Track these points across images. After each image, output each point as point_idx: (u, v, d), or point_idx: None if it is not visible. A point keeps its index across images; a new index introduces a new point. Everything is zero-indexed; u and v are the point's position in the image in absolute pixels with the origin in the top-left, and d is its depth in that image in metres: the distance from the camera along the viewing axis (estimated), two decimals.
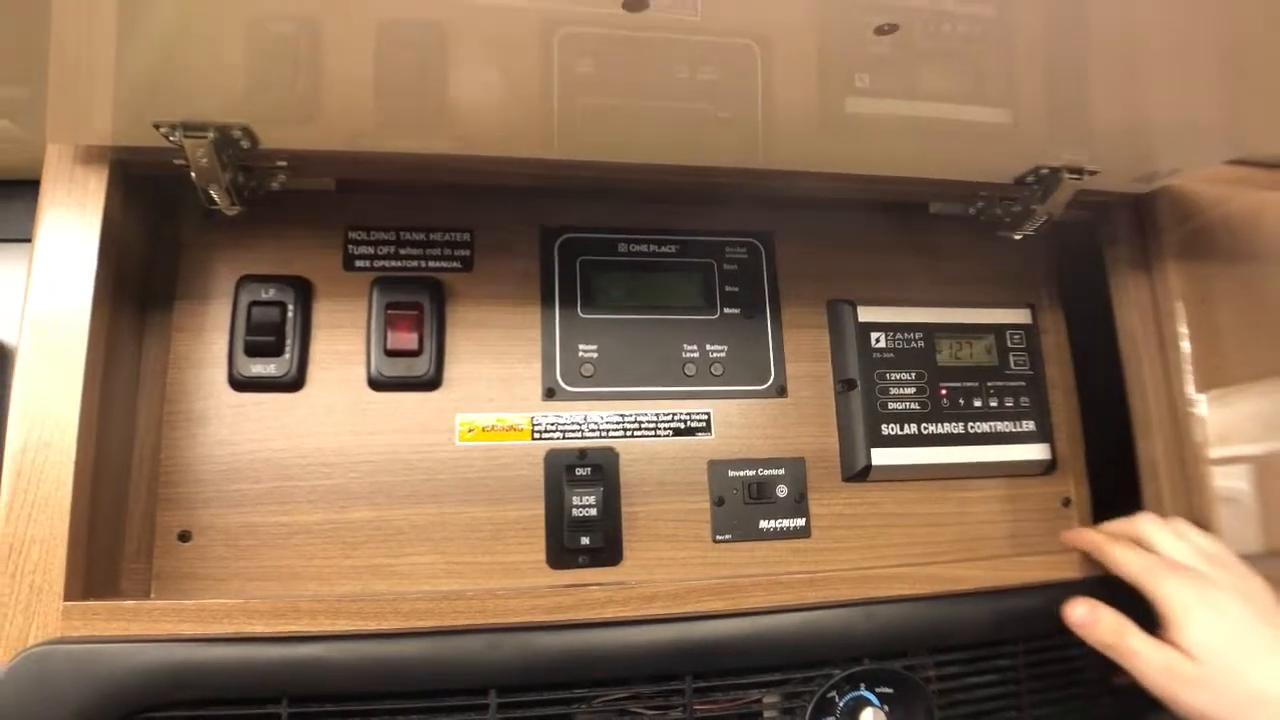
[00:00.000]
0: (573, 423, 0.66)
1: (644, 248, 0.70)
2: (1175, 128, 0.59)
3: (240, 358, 0.62)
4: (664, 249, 0.70)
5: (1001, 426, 0.70)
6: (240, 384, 0.62)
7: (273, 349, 0.62)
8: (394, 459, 0.63)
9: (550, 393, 0.66)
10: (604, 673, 0.54)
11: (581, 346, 0.67)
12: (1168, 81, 0.52)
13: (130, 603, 0.51)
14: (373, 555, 0.62)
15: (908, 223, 0.75)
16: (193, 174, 0.55)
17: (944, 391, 0.70)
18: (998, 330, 0.72)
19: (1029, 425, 0.71)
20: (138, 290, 0.61)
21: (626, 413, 0.67)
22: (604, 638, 0.54)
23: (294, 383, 0.63)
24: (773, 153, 0.63)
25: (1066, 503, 0.73)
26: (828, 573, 0.58)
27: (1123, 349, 0.71)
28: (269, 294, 0.63)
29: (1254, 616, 0.52)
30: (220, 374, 0.62)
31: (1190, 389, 0.67)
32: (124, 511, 0.60)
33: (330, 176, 0.63)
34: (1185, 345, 0.67)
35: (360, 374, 0.64)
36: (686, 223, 0.71)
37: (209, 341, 0.63)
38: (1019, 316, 0.73)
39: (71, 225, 0.55)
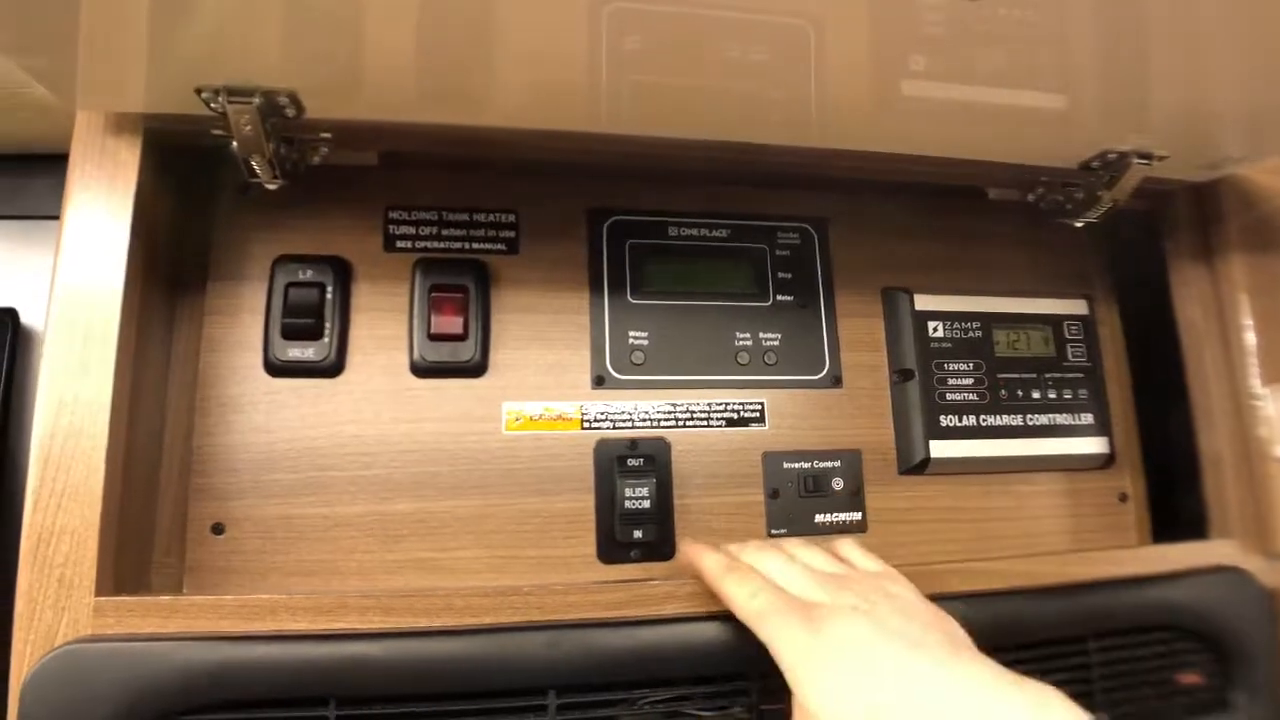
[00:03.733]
0: (623, 412, 0.62)
1: (694, 231, 0.66)
2: (1249, 113, 0.56)
3: (277, 341, 0.58)
4: (715, 233, 0.66)
5: (1060, 419, 0.66)
6: (277, 369, 0.58)
7: (311, 332, 0.58)
8: (438, 448, 0.59)
9: (600, 380, 0.62)
10: (666, 671, 0.50)
11: (631, 333, 0.63)
12: (1243, 63, 0.49)
13: (167, 598, 0.46)
14: (416, 549, 0.57)
15: (963, 210, 0.71)
16: (234, 144, 0.51)
17: (1002, 383, 0.66)
18: (1055, 321, 0.68)
19: (1087, 418, 0.67)
20: (169, 270, 0.57)
21: (678, 402, 0.63)
22: (667, 635, 0.50)
23: (333, 368, 0.58)
24: (826, 132, 0.59)
25: (1123, 498, 0.69)
26: (898, 567, 0.54)
27: (1183, 341, 0.67)
28: (307, 275, 0.59)
29: (894, 647, 0.39)
30: (256, 358, 0.58)
31: (1254, 382, 0.63)
32: (154, 503, 0.55)
33: (373, 150, 0.59)
34: (1250, 337, 0.63)
35: (402, 359, 0.60)
36: (738, 207, 0.67)
37: (244, 324, 0.58)
38: (1076, 307, 0.70)
39: (102, 199, 0.50)
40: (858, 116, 0.56)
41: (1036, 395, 0.66)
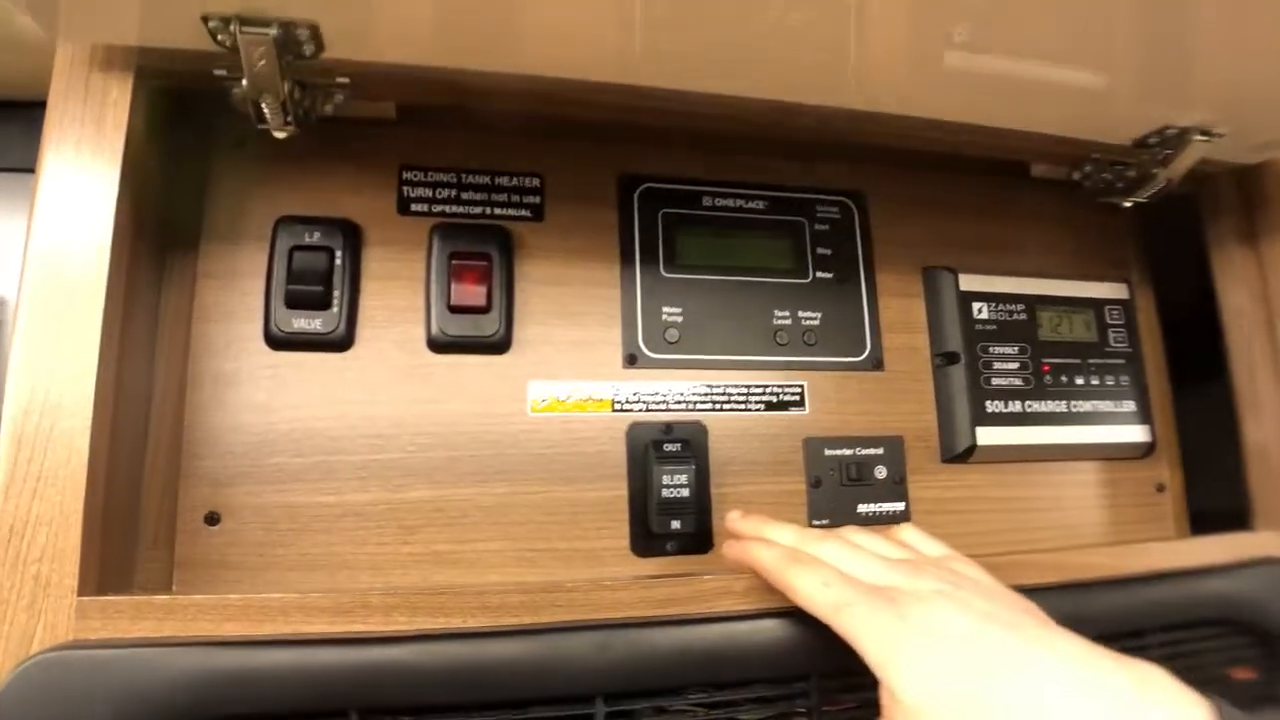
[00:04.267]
0: (657, 393, 0.57)
1: (730, 202, 0.61)
2: None
3: (279, 310, 0.51)
4: (752, 204, 0.61)
5: (1103, 406, 0.63)
6: (279, 341, 0.51)
7: (318, 301, 0.52)
8: (457, 430, 0.53)
9: (632, 359, 0.56)
10: (722, 673, 0.44)
11: (665, 309, 0.58)
12: None
13: (162, 597, 0.40)
14: (433, 541, 0.51)
15: (1002, 187, 0.67)
16: (242, 83, 0.44)
17: (1046, 368, 0.62)
18: (1096, 305, 0.65)
19: (1129, 405, 0.64)
20: (158, 228, 0.50)
21: (715, 384, 0.58)
22: (722, 633, 0.45)
23: (342, 341, 0.52)
24: (865, 94, 0.54)
25: (1160, 489, 0.66)
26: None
27: (1227, 328, 0.64)
28: (313, 237, 0.52)
29: (988, 627, 0.36)
30: (255, 329, 0.51)
31: None
32: (139, 489, 0.48)
33: (392, 100, 0.52)
34: None
35: (418, 333, 0.54)
36: (774, 178, 0.62)
37: (242, 291, 0.52)
38: (1117, 291, 0.66)
39: (88, 143, 0.43)
40: (898, 79, 0.52)
41: (1080, 381, 0.63)
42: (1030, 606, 0.40)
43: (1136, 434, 0.64)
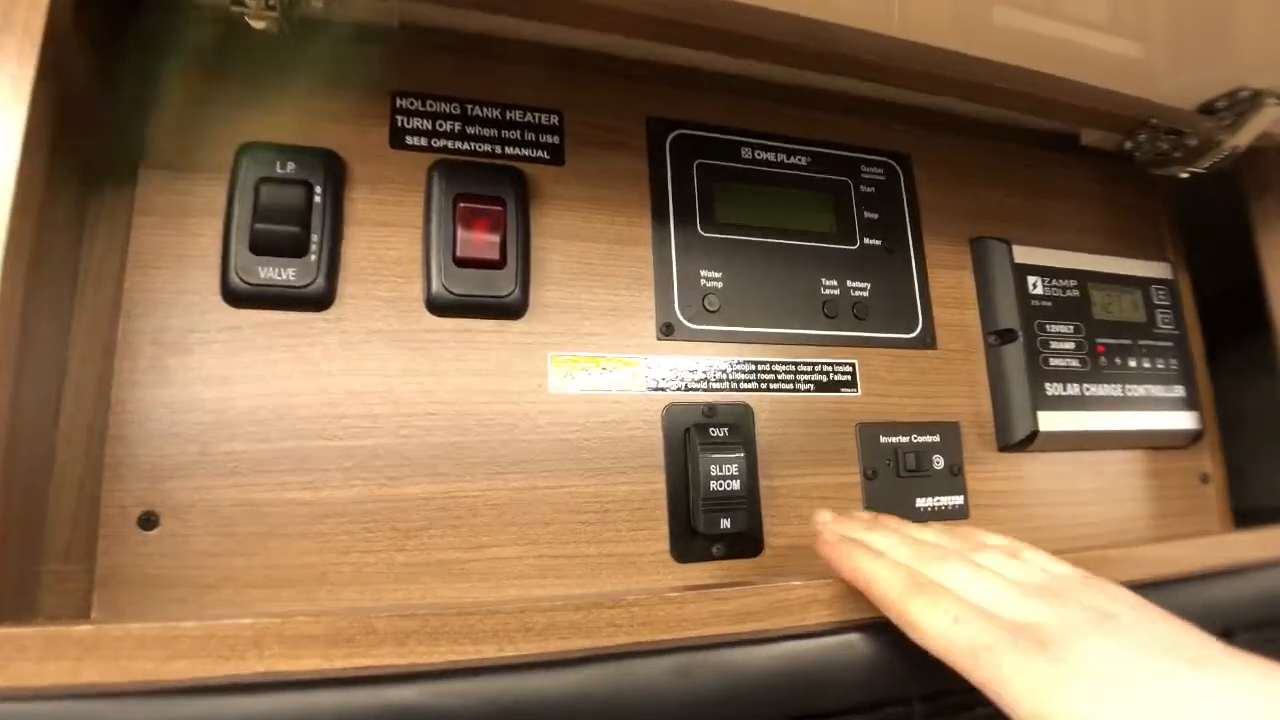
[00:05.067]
0: (697, 370, 0.47)
1: (771, 156, 0.52)
2: None
3: (242, 255, 0.39)
4: (794, 160, 0.53)
5: (1155, 391, 0.57)
6: (241, 295, 0.39)
7: (291, 245, 0.40)
8: (464, 411, 0.42)
9: (668, 329, 0.47)
10: (817, 698, 0.35)
11: (704, 273, 0.48)
12: None
13: (81, 628, 0.27)
14: (436, 548, 0.40)
15: (1045, 159, 0.61)
16: None
17: (1101, 349, 0.56)
18: (1143, 284, 0.59)
19: (1179, 390, 0.58)
20: (81, 149, 0.37)
21: (761, 360, 0.49)
22: (814, 651, 0.36)
23: (321, 297, 0.41)
24: (909, 22, 0.47)
25: (1205, 479, 0.61)
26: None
27: (1274, 312, 0.60)
28: (287, 169, 0.41)
29: (1151, 661, 0.29)
30: (209, 279, 0.39)
31: None
32: (46, 483, 0.36)
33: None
34: None
35: (415, 290, 0.43)
36: (817, 132, 0.54)
37: (192, 232, 0.40)
38: (1162, 271, 0.61)
39: None
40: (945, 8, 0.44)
41: (1133, 364, 0.57)
42: (1182, 624, 0.33)
43: (1186, 420, 0.58)
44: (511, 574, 0.41)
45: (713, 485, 0.43)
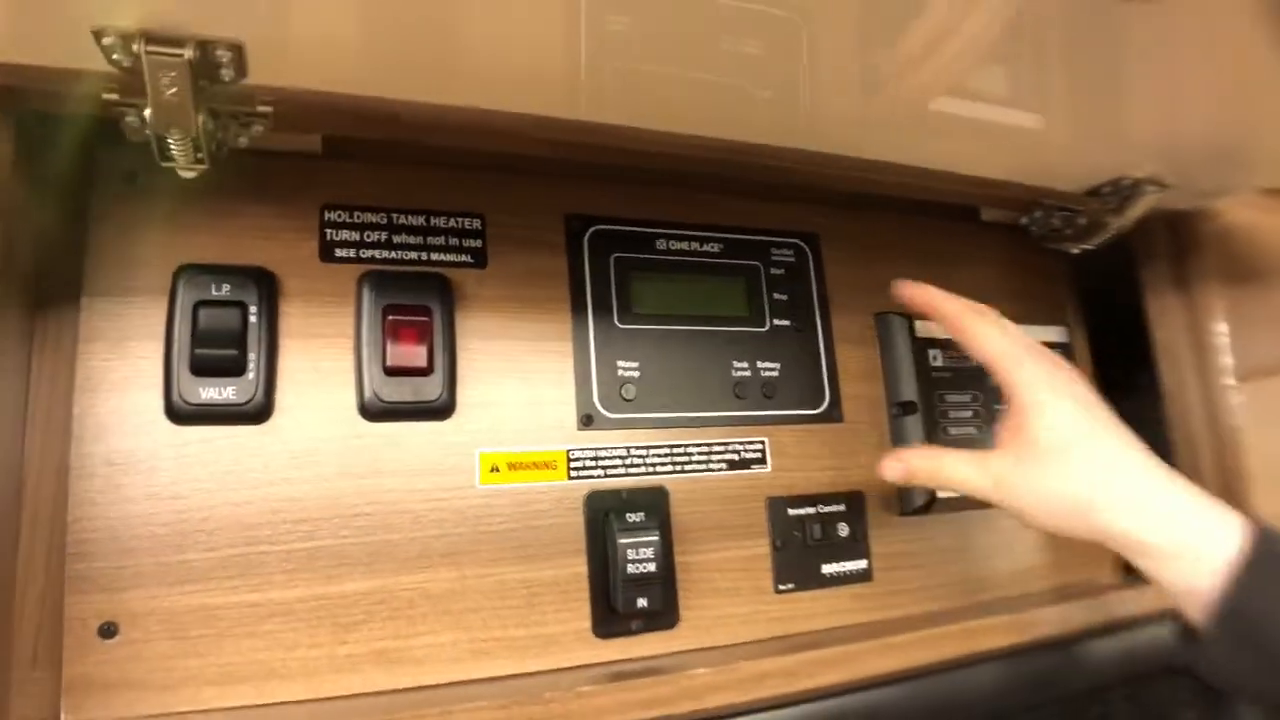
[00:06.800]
0: (615, 457, 0.56)
1: (684, 245, 0.61)
2: (1241, 145, 0.59)
3: (184, 378, 0.47)
4: (707, 247, 0.62)
5: None
6: (184, 415, 0.47)
7: (230, 366, 0.48)
8: (398, 509, 0.50)
9: (588, 420, 0.56)
10: None
11: (621, 363, 0.57)
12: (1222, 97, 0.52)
13: None
14: (375, 638, 0.49)
15: (949, 231, 0.71)
16: (145, 114, 0.40)
17: (996, 415, 0.66)
18: None
19: None
20: (25, 284, 0.45)
21: (675, 443, 0.58)
22: None
23: (260, 411, 0.48)
24: (815, 134, 0.56)
25: None
26: (942, 630, 0.53)
27: (1162, 370, 0.71)
28: (222, 291, 0.48)
29: (1094, 402, 0.52)
30: (153, 400, 0.47)
31: (1235, 412, 0.67)
32: (11, 598, 0.43)
33: (320, 131, 0.49)
34: (1229, 365, 0.67)
35: (349, 399, 0.51)
36: (727, 219, 0.63)
37: (134, 355, 0.47)
38: (1057, 335, 0.72)
39: None
40: (850, 121, 0.54)
41: None
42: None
43: None
44: (446, 659, 0.50)
45: (629, 568, 0.52)
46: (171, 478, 0.47)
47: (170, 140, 0.42)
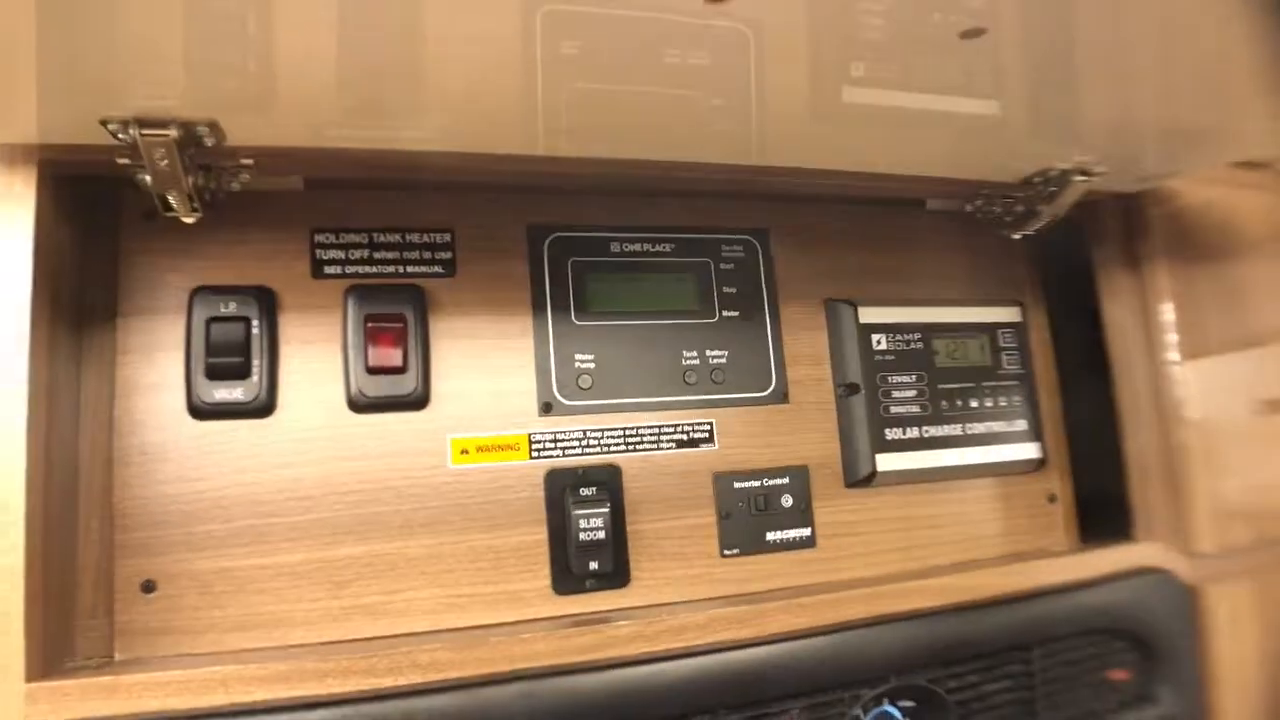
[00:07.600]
0: (572, 439, 0.64)
1: (637, 246, 0.68)
2: (1177, 129, 0.61)
3: (201, 382, 0.57)
4: (659, 248, 0.68)
5: (996, 426, 0.73)
6: (202, 412, 0.57)
7: (238, 371, 0.57)
8: (382, 486, 0.60)
9: (547, 407, 0.64)
10: (640, 713, 0.53)
11: (578, 356, 0.65)
12: (1167, 82, 0.54)
13: (106, 678, 0.46)
14: (364, 594, 0.58)
15: (900, 218, 0.76)
16: (146, 178, 0.49)
17: (943, 394, 0.71)
18: (990, 330, 0.74)
19: (1021, 424, 0.74)
20: (73, 308, 0.55)
21: (628, 426, 0.65)
22: (638, 676, 0.53)
23: (264, 407, 0.58)
24: (767, 148, 0.61)
25: (1052, 499, 0.76)
26: (850, 593, 0.59)
27: (1111, 347, 0.74)
28: (229, 308, 0.58)
29: None
30: (177, 400, 0.57)
31: (1179, 387, 0.70)
32: (74, 564, 0.54)
33: (297, 175, 0.58)
34: (1174, 342, 0.70)
35: (338, 394, 0.60)
36: (680, 220, 0.69)
37: (161, 364, 0.57)
38: (1010, 315, 0.75)
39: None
40: (797, 131, 0.59)
41: (974, 404, 0.72)
42: None
43: (1028, 451, 0.74)
44: (423, 611, 0.59)
45: (582, 536, 0.61)
46: (194, 464, 0.57)
47: (170, 197, 0.51)
